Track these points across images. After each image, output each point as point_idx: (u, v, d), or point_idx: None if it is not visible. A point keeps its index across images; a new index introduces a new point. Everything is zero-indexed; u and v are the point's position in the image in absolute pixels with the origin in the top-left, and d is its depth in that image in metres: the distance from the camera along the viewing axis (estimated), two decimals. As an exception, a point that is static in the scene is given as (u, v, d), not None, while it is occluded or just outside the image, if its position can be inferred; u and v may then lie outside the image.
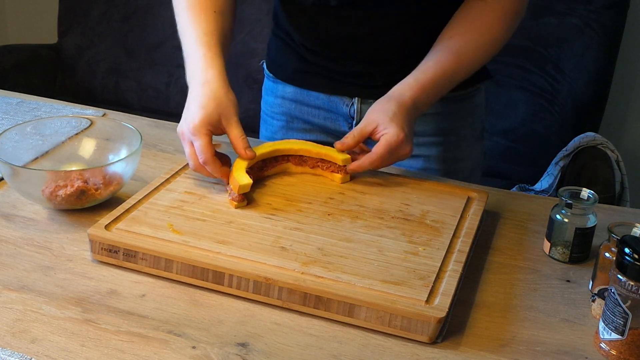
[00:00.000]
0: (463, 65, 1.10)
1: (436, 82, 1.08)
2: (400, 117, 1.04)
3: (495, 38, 1.10)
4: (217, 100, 1.00)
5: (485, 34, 1.10)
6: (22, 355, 0.74)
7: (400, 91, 1.07)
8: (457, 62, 1.09)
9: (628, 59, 2.27)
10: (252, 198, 1.00)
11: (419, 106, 1.08)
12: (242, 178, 0.98)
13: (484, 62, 1.14)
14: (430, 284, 0.83)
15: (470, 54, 1.10)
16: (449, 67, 1.08)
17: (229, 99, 1.02)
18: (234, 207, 0.97)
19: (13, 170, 0.97)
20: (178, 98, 2.49)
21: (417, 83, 1.07)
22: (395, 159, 1.05)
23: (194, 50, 1.08)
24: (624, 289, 0.75)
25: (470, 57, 1.10)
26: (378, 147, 1.03)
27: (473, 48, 1.10)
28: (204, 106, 1.00)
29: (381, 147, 1.02)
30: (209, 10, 1.11)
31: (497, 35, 1.10)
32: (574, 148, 1.95)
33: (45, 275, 0.87)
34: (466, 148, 1.29)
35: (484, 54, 1.12)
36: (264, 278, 0.83)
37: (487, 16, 1.10)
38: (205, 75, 1.03)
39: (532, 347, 0.79)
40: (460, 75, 1.11)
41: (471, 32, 1.10)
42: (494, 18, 1.10)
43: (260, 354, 0.76)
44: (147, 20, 2.55)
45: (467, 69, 1.11)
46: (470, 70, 1.12)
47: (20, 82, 2.47)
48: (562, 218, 0.94)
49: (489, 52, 1.12)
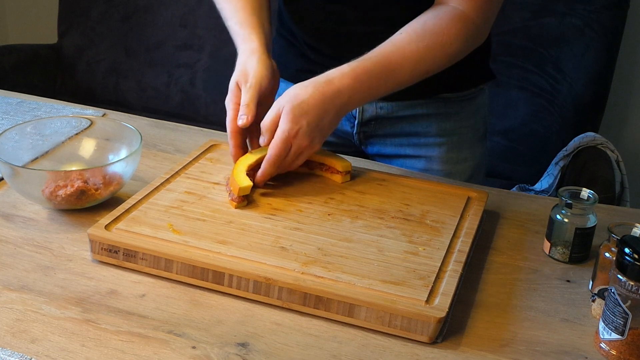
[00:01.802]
0: (406, 61, 1.03)
1: (373, 73, 1.01)
2: (304, 107, 0.98)
3: (444, 42, 1.04)
4: (238, 70, 1.07)
5: (434, 35, 1.04)
6: (22, 355, 0.74)
7: (329, 76, 1.01)
8: (400, 56, 1.03)
9: (628, 59, 2.27)
10: (252, 198, 0.99)
11: (350, 95, 1.01)
12: (242, 180, 0.98)
13: (433, 65, 1.06)
14: (430, 284, 0.83)
15: (415, 51, 1.03)
16: (390, 59, 1.02)
17: (250, 65, 1.06)
18: (234, 208, 0.97)
19: (13, 170, 0.97)
20: (178, 98, 2.49)
21: (351, 71, 1.01)
22: (294, 155, 1.00)
23: (230, 27, 1.15)
24: (624, 289, 0.75)
25: (415, 55, 1.03)
26: (271, 148, 0.99)
27: (420, 46, 1.03)
28: (231, 78, 1.07)
29: (273, 147, 0.99)
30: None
31: (448, 39, 1.04)
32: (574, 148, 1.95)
33: (45, 275, 0.87)
34: (469, 149, 1.29)
35: (431, 56, 1.04)
36: (264, 278, 0.83)
37: (441, 19, 1.05)
38: (239, 50, 1.11)
39: (532, 347, 0.79)
40: (404, 73, 1.04)
41: (422, 31, 1.04)
42: (448, 21, 1.04)
43: (260, 354, 0.76)
44: (147, 20, 2.55)
45: (412, 67, 1.04)
46: (417, 70, 1.05)
47: (20, 82, 2.47)
48: (562, 218, 0.94)
49: (438, 56, 1.05)
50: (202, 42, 2.47)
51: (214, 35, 2.44)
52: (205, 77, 2.46)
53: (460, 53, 1.08)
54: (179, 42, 2.50)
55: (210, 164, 1.09)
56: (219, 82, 2.45)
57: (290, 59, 1.28)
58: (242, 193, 0.97)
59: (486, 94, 1.30)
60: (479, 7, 1.05)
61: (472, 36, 1.08)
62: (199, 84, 2.46)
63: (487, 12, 1.07)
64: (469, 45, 1.09)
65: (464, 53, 1.09)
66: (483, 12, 1.06)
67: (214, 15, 1.21)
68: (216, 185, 1.03)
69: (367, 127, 1.26)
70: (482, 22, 1.07)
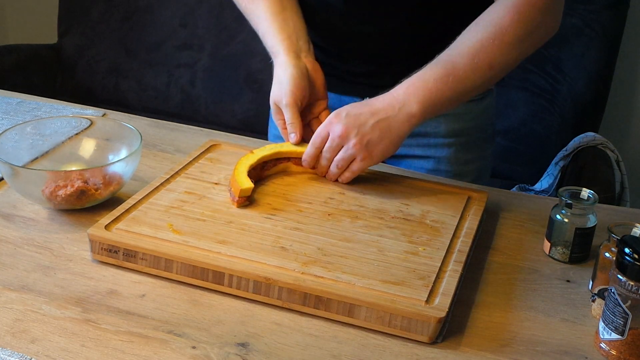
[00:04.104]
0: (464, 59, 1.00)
1: (427, 77, 1.00)
2: (349, 105, 1.02)
3: (500, 31, 1.00)
4: (273, 90, 1.09)
5: (489, 26, 1.01)
6: (22, 355, 0.74)
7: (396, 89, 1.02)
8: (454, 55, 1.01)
9: (628, 59, 2.27)
10: (252, 198, 1.00)
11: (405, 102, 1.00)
12: (243, 182, 0.98)
13: (494, 58, 1.01)
14: (430, 284, 0.83)
15: (471, 46, 1.01)
16: (444, 61, 1.01)
17: (282, 86, 1.07)
18: (236, 207, 0.97)
19: (13, 170, 0.97)
20: (178, 98, 2.49)
21: (406, 81, 1.02)
22: (330, 143, 1.02)
23: (264, 37, 1.15)
24: (624, 289, 0.75)
25: (471, 50, 1.00)
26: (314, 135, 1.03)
27: (474, 40, 1.01)
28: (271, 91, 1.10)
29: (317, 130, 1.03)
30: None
31: (505, 25, 0.99)
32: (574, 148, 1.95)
33: (45, 275, 0.87)
34: (476, 150, 1.28)
35: (490, 47, 1.00)
36: (264, 278, 0.83)
37: (494, 11, 1.02)
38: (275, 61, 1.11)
39: (532, 347, 0.79)
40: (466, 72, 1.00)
41: (475, 26, 1.02)
42: (500, 9, 1.01)
43: (260, 354, 0.76)
44: (147, 20, 2.55)
45: (472, 64, 1.00)
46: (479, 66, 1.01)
47: (20, 82, 2.47)
48: (562, 218, 0.94)
49: (498, 45, 1.00)
50: (202, 42, 2.47)
51: (214, 35, 2.44)
52: (205, 77, 2.46)
53: (526, 40, 1.02)
54: (179, 42, 2.50)
55: (210, 164, 1.09)
56: (219, 82, 2.45)
57: None
58: (243, 194, 0.97)
59: (494, 95, 1.30)
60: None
61: (534, 20, 1.01)
62: (199, 84, 2.46)
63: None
64: (534, 30, 1.02)
65: (533, 40, 1.03)
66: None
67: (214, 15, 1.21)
68: (216, 185, 1.03)
69: None
70: (542, 3, 1.01)
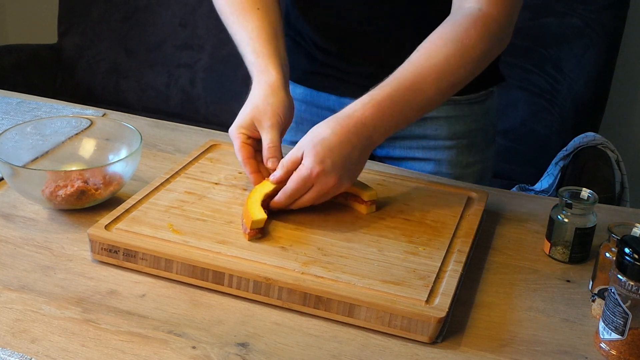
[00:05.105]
0: (428, 78, 0.96)
1: (394, 98, 0.95)
2: (329, 145, 0.92)
3: (466, 47, 0.98)
4: (254, 105, 1.02)
5: (454, 42, 0.98)
6: (22, 355, 0.74)
7: (349, 110, 0.95)
8: (420, 74, 0.96)
9: (628, 59, 2.27)
10: (266, 230, 0.93)
11: (375, 125, 0.95)
12: (255, 213, 0.91)
13: (458, 76, 0.99)
14: (430, 284, 0.83)
15: (436, 65, 0.97)
16: (410, 79, 0.96)
17: (267, 103, 1.01)
18: (247, 239, 0.90)
19: (13, 170, 0.97)
20: (178, 98, 2.49)
21: (371, 100, 0.95)
22: (315, 194, 0.93)
23: (244, 55, 1.10)
24: (624, 289, 0.75)
25: (437, 68, 0.97)
26: (289, 182, 0.93)
27: (440, 58, 0.97)
28: (242, 111, 1.03)
29: (292, 182, 0.93)
30: (252, 8, 1.11)
31: (469, 43, 0.98)
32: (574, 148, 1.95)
33: (45, 275, 0.87)
34: (478, 152, 1.27)
35: (455, 65, 0.98)
36: (264, 278, 0.83)
37: (459, 24, 0.99)
38: (254, 81, 1.06)
39: (532, 347, 0.79)
40: (429, 90, 0.97)
41: (440, 41, 0.99)
42: (467, 24, 0.99)
43: (260, 354, 0.76)
44: (147, 20, 2.55)
45: (436, 83, 0.97)
46: (442, 84, 0.98)
47: (20, 82, 2.46)
48: (562, 218, 0.94)
49: (462, 64, 0.98)
50: (202, 42, 2.47)
51: (214, 35, 2.44)
52: (205, 77, 2.46)
53: (487, 56, 1.01)
54: (179, 42, 2.50)
55: (210, 164, 1.09)
56: (219, 82, 2.45)
57: (297, 61, 1.27)
58: (255, 226, 0.90)
59: (495, 96, 1.28)
60: (498, 2, 0.99)
61: (496, 35, 1.01)
62: (199, 84, 2.46)
63: (508, 7, 1.01)
64: (495, 45, 1.02)
65: (492, 56, 1.02)
66: (504, 7, 1.00)
67: (214, 15, 1.20)
68: (216, 185, 1.03)
69: None
70: (504, 19, 1.00)
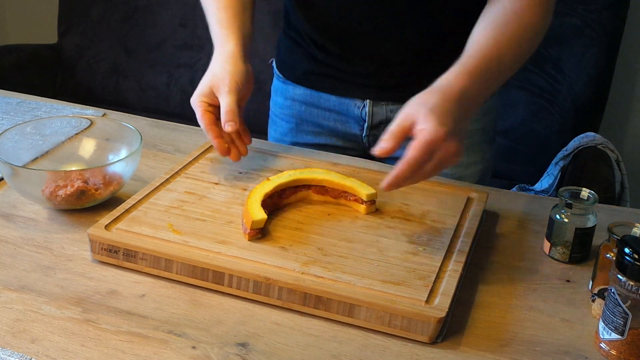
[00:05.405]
0: (504, 49, 0.98)
1: (482, 69, 0.94)
2: (443, 109, 0.87)
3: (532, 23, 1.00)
4: (212, 73, 1.06)
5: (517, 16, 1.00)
6: (22, 355, 0.74)
7: (446, 80, 0.92)
8: (497, 46, 0.97)
9: (628, 59, 2.27)
10: (266, 231, 0.92)
11: (470, 97, 0.92)
12: (255, 213, 0.90)
13: (527, 47, 1.01)
14: (430, 284, 0.83)
15: (508, 36, 0.98)
16: (490, 52, 0.96)
17: (225, 70, 1.05)
18: (247, 239, 0.90)
19: (13, 170, 0.97)
20: (178, 98, 2.49)
21: (464, 70, 0.93)
22: (437, 162, 0.86)
23: (210, 26, 1.14)
24: (624, 289, 0.75)
25: (510, 40, 0.98)
26: (412, 149, 0.85)
27: (508, 31, 0.99)
28: (202, 80, 1.06)
29: (415, 149, 0.84)
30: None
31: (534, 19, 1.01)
32: (574, 148, 1.95)
33: (45, 275, 0.87)
34: (479, 152, 1.27)
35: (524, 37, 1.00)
36: (264, 278, 0.83)
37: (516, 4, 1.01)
38: (215, 51, 1.10)
39: (532, 347, 0.79)
40: (508, 61, 0.98)
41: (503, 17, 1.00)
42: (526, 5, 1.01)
43: (260, 354, 0.76)
44: (147, 20, 2.55)
45: (512, 53, 0.99)
46: (517, 55, 1.00)
47: (20, 82, 2.47)
48: (562, 218, 0.94)
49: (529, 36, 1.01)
50: (202, 42, 2.47)
51: (214, 35, 2.44)
52: (205, 77, 2.46)
53: (545, 30, 1.03)
54: (179, 42, 2.50)
55: (210, 164, 1.09)
56: (219, 82, 2.45)
57: (297, 61, 1.27)
58: (255, 226, 0.89)
59: (495, 96, 1.29)
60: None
61: (550, 10, 1.03)
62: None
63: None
64: (550, 15, 1.03)
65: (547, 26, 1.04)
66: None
67: (214, 15, 1.21)
68: (216, 185, 1.03)
69: (377, 130, 1.24)
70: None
